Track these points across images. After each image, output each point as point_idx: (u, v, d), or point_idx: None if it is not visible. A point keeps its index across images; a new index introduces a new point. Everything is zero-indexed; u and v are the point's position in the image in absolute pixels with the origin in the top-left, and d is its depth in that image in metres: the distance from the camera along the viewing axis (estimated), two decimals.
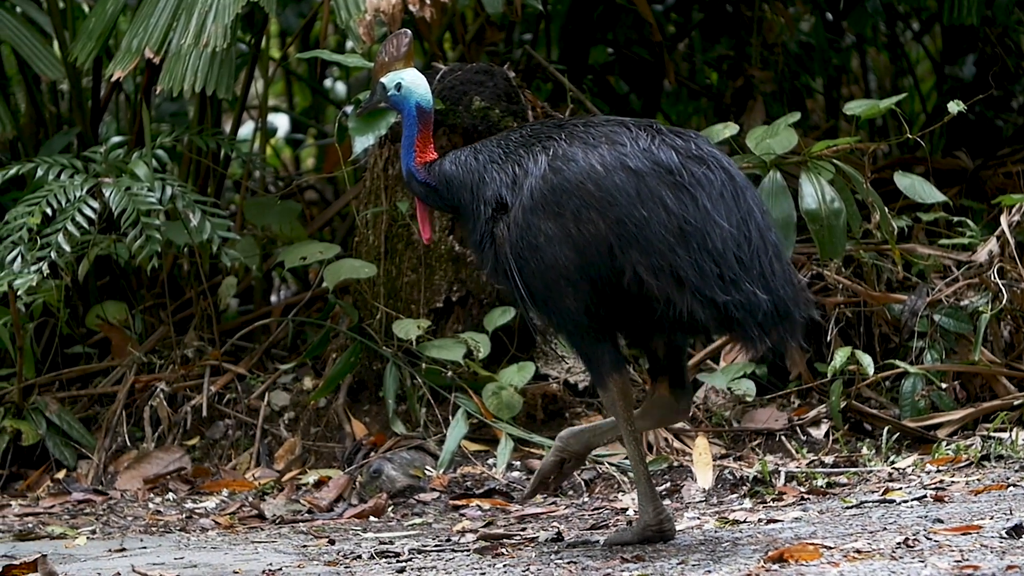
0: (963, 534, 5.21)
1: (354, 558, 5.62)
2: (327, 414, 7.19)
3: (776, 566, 4.88)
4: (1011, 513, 5.53)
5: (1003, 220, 7.22)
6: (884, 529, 5.44)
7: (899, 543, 5.09)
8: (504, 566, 5.28)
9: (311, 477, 6.94)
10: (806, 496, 6.32)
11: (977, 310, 7.07)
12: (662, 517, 5.45)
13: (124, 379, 7.40)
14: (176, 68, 7.00)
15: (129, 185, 7.06)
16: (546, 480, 5.74)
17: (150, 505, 6.91)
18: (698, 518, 6.05)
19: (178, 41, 7.00)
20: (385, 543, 5.92)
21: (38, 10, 8.02)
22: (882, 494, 6.12)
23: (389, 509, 6.67)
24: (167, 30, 7.06)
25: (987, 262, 7.15)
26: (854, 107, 7.03)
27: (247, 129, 9.41)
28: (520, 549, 5.60)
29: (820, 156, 6.84)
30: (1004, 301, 7.07)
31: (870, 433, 6.95)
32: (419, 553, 5.64)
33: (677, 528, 5.61)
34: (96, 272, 7.70)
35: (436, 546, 5.78)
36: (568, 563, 5.25)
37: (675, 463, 6.80)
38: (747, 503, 6.36)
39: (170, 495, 7.00)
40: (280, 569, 5.44)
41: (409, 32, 5.67)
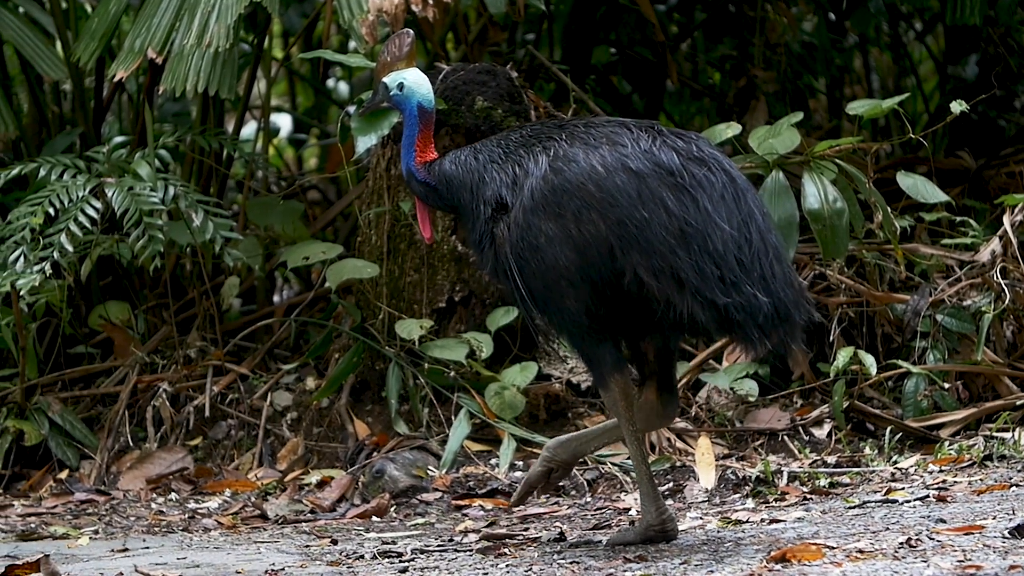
0: (966, 534, 5.21)
1: (357, 558, 5.62)
2: (330, 414, 7.19)
3: (779, 566, 4.88)
4: (1014, 513, 5.52)
5: (1006, 220, 7.22)
6: (887, 529, 5.44)
7: (902, 543, 5.09)
8: (507, 566, 5.28)
9: (314, 477, 6.94)
10: (809, 496, 6.31)
11: (980, 310, 7.07)
12: (664, 517, 5.45)
13: (127, 379, 7.40)
14: (179, 68, 7.00)
15: (132, 185, 7.07)
16: (533, 489, 5.74)
17: (153, 505, 6.91)
18: (700, 518, 6.05)
19: (181, 41, 7.00)
20: (388, 543, 5.91)
21: (41, 10, 8.02)
22: (885, 494, 6.12)
23: (392, 509, 6.67)
24: (170, 30, 7.05)
25: (990, 262, 7.15)
26: (857, 107, 7.03)
27: (250, 129, 9.40)
28: (523, 549, 5.60)
29: (823, 156, 6.84)
30: (1007, 301, 7.06)
31: (873, 433, 6.94)
32: (422, 553, 5.64)
33: (679, 528, 5.62)
34: (99, 272, 7.70)
35: (439, 546, 5.78)
36: (571, 563, 5.25)
37: (677, 463, 6.79)
38: (750, 503, 6.35)
39: (173, 495, 7.00)
40: (283, 569, 5.44)
41: (412, 32, 5.67)
